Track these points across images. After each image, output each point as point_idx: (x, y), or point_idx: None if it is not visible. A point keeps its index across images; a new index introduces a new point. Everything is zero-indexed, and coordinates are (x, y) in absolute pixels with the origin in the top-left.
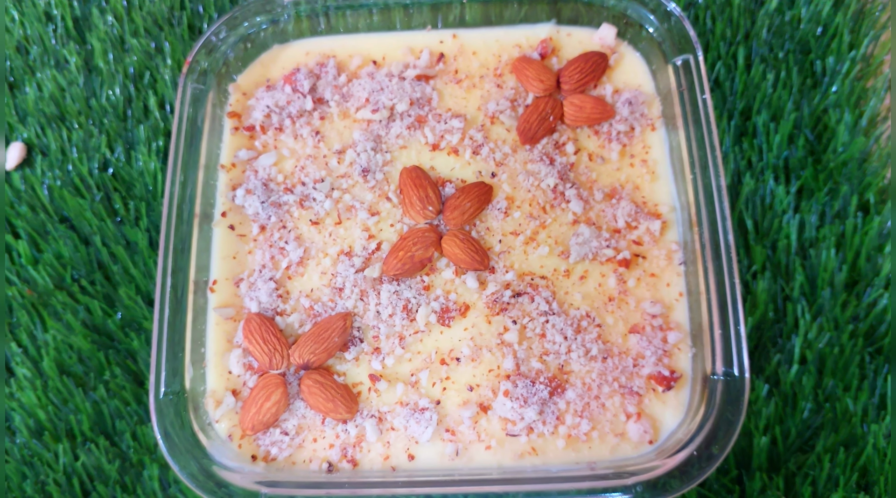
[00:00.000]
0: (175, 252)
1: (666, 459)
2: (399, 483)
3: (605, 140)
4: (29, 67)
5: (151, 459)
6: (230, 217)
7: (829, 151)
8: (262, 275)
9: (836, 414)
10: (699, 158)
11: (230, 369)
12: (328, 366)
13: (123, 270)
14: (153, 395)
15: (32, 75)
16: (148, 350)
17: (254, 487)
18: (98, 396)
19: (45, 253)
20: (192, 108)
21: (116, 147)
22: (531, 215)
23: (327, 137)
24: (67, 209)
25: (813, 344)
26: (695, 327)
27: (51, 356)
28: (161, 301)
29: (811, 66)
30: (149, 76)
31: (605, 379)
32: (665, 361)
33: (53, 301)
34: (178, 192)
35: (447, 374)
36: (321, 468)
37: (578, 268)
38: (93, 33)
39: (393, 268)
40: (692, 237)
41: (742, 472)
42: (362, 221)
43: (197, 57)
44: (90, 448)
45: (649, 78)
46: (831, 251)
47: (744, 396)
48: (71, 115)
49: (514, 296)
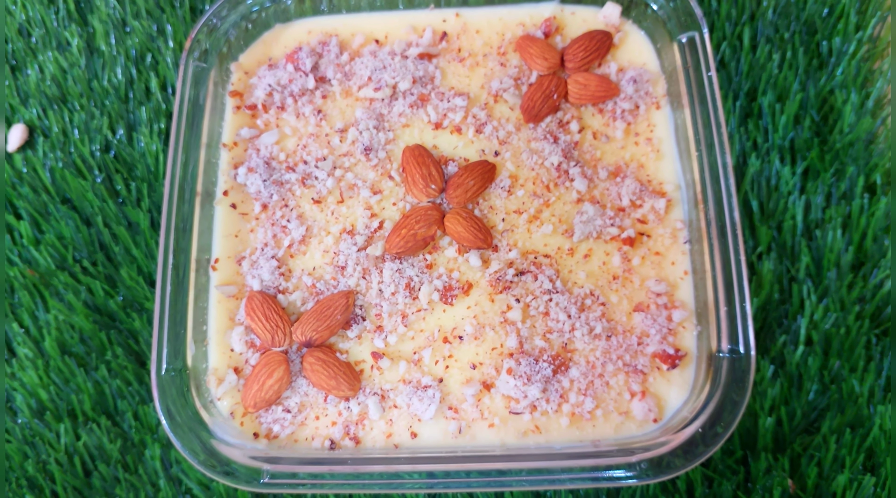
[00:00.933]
0: (177, 230)
1: (671, 436)
2: (402, 459)
3: (610, 118)
4: (31, 49)
5: (153, 439)
6: (232, 196)
7: (836, 132)
8: (264, 253)
9: (842, 395)
10: (704, 136)
11: (232, 347)
12: (330, 344)
13: (125, 251)
14: (155, 371)
15: (34, 57)
16: (149, 330)
17: (256, 463)
18: (100, 376)
19: (47, 234)
20: (194, 86)
21: (118, 128)
22: (535, 194)
23: (329, 116)
24: (69, 190)
25: (819, 325)
26: (700, 306)
27: (52, 336)
28: (163, 279)
29: (817, 48)
30: (150, 58)
31: (610, 357)
32: (670, 339)
33: (55, 281)
34: (180, 170)
35: (450, 352)
36: (323, 446)
37: (582, 246)
38: (94, 15)
39: (395, 246)
40: (697, 215)
41: (747, 453)
42: (364, 200)
43: (198, 36)
44: (92, 428)
45: (654, 56)
46: (837, 232)
47: (749, 373)
48: (73, 96)
49: (517, 274)
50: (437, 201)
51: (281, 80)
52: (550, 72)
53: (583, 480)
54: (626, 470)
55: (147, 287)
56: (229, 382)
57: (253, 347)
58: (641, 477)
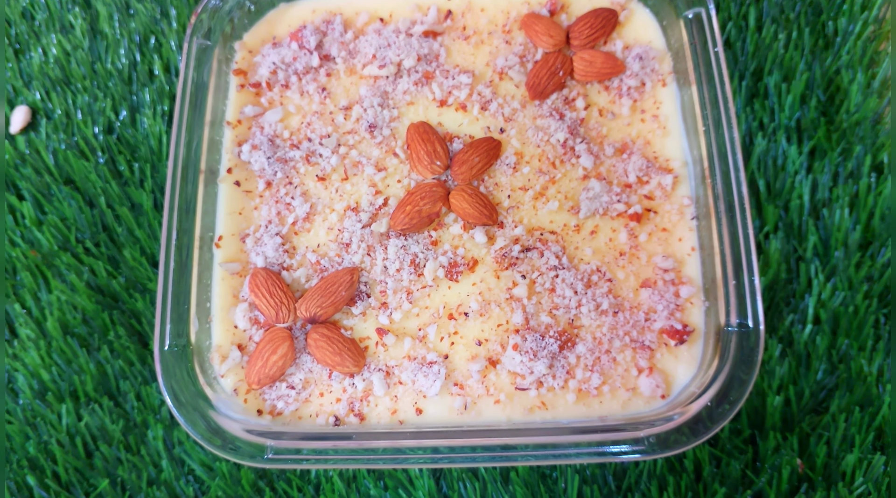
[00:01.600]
0: (180, 208)
1: (680, 409)
2: (407, 435)
3: (616, 95)
4: (34, 32)
5: (156, 420)
6: (236, 173)
7: (842, 112)
8: (268, 230)
9: (851, 374)
10: (712, 112)
11: (236, 324)
12: (335, 320)
13: (128, 232)
14: (158, 347)
15: (38, 40)
16: (152, 311)
17: (259, 439)
18: (102, 357)
19: (50, 215)
20: (198, 65)
21: (121, 110)
22: (540, 170)
23: (334, 94)
24: (72, 172)
25: (827, 304)
26: (707, 282)
27: (55, 317)
28: (166, 255)
29: (823, 28)
30: (154, 40)
31: (616, 333)
32: (677, 315)
33: (57, 262)
34: (184, 147)
35: (455, 328)
36: (328, 422)
37: (589, 223)
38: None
39: (400, 222)
40: (705, 192)
41: (755, 432)
42: (369, 177)
43: (202, 15)
44: (94, 409)
45: (660, 34)
46: (845, 211)
47: (758, 347)
48: (76, 79)
49: (523, 251)
50: (442, 178)
51: (285, 59)
52: (556, 49)
53: (589, 455)
54: (633, 445)
55: (150, 268)
56: (233, 358)
57: (257, 323)
58: (648, 452)
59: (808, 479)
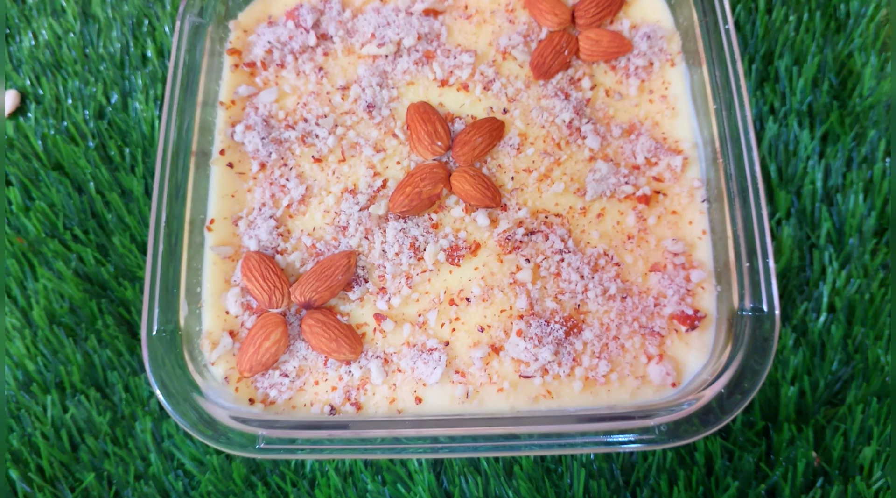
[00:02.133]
0: (170, 190)
1: (693, 395)
2: (406, 423)
3: (623, 75)
4: (25, 16)
5: (144, 412)
6: (229, 155)
7: (855, 96)
8: (261, 213)
9: (868, 364)
10: (723, 90)
11: (227, 309)
12: (331, 306)
13: (118, 218)
14: (145, 332)
15: (28, 24)
16: (142, 300)
17: (250, 429)
18: (90, 347)
19: (38, 201)
20: (190, 44)
21: (113, 95)
22: (545, 152)
23: (331, 74)
24: (61, 157)
25: (841, 292)
26: (719, 266)
27: (41, 305)
28: (155, 238)
29: (834, 11)
30: (147, 24)
31: (625, 319)
32: (688, 300)
33: (44, 249)
34: (175, 128)
35: (457, 314)
36: (323, 412)
37: (595, 205)
38: None
39: (399, 204)
40: (716, 173)
41: (769, 424)
42: (367, 159)
43: None
44: (80, 400)
45: (668, 13)
46: (859, 197)
47: (774, 332)
48: (67, 63)
49: (527, 234)
50: (443, 159)
51: (281, 38)
52: (561, 28)
53: (596, 444)
54: (643, 434)
55: (140, 255)
56: (224, 345)
57: (249, 309)
58: (658, 442)
59: (824, 472)
